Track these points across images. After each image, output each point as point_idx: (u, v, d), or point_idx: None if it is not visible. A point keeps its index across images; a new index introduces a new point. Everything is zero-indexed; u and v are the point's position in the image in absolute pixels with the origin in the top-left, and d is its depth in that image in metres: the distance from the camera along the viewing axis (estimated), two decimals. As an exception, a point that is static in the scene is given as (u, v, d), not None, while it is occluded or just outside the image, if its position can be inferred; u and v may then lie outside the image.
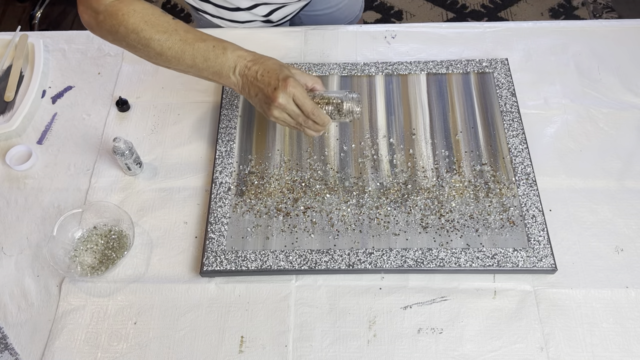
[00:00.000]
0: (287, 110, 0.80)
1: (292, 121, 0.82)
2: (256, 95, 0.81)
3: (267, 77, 0.80)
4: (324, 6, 1.24)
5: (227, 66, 0.81)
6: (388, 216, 0.88)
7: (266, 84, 0.80)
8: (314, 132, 0.84)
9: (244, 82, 0.82)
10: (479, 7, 2.27)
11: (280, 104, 0.79)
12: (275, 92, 0.79)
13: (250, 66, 0.81)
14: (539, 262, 0.83)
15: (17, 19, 2.30)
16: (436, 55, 1.09)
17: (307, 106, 0.80)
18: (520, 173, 0.91)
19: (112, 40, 0.84)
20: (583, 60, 1.08)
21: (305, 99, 0.80)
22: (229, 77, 0.82)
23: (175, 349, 0.80)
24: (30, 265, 0.88)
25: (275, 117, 0.81)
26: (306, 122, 0.82)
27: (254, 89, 0.81)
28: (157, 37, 0.80)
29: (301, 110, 0.81)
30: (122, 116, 1.04)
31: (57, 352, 0.81)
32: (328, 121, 0.83)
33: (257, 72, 0.80)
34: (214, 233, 0.87)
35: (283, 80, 0.78)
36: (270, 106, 0.80)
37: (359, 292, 0.84)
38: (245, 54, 0.82)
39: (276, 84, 0.79)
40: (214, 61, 0.81)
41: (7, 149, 0.99)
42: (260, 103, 0.82)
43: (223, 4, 1.08)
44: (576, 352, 0.78)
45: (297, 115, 0.81)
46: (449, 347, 0.79)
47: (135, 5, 0.81)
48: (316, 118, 0.81)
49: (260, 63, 0.81)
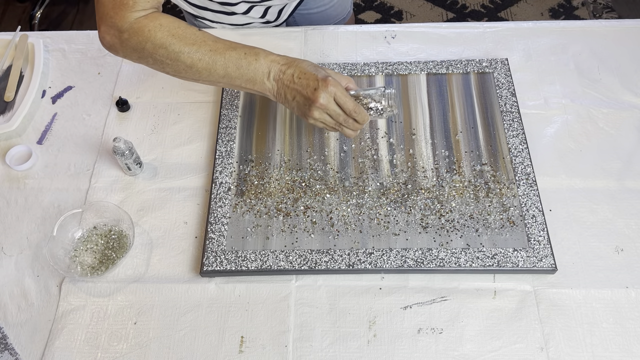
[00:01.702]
0: (329, 110, 0.79)
1: (332, 122, 0.81)
2: (294, 99, 0.80)
3: (305, 78, 0.79)
4: (318, 4, 1.24)
5: (261, 72, 0.80)
6: (388, 216, 0.88)
7: (304, 86, 0.79)
8: (353, 131, 0.84)
9: (280, 86, 0.80)
10: (479, 7, 2.27)
11: (321, 104, 0.78)
12: (316, 92, 0.78)
13: (284, 70, 0.80)
14: (539, 262, 0.83)
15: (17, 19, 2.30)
16: (436, 55, 1.09)
17: (349, 105, 0.79)
18: (520, 173, 0.91)
19: (138, 58, 0.82)
20: (583, 60, 1.08)
21: (346, 97, 0.79)
22: (263, 83, 0.81)
23: (175, 349, 0.80)
24: (30, 265, 0.88)
25: (315, 118, 0.80)
26: (346, 122, 0.81)
27: (290, 93, 0.80)
28: (187, 50, 0.79)
29: (342, 109, 0.80)
30: (122, 116, 1.04)
31: (57, 352, 0.81)
32: (368, 119, 0.83)
33: (292, 74, 0.79)
34: (214, 233, 0.87)
35: (323, 80, 0.78)
36: (311, 107, 0.79)
37: (359, 292, 0.84)
38: (278, 58, 0.81)
39: (316, 84, 0.78)
40: (246, 68, 0.80)
41: (7, 149, 0.99)
42: (299, 106, 0.81)
43: (221, 9, 1.08)
44: (576, 352, 0.78)
45: (337, 115, 0.80)
46: (449, 347, 0.79)
47: (161, 19, 0.79)
48: (357, 116, 0.81)
49: (295, 66, 0.80)
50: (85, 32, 1.16)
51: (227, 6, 1.07)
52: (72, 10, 2.33)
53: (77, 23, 2.29)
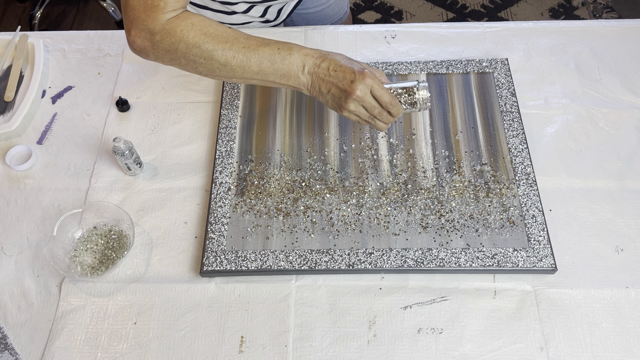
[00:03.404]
0: (365, 102, 0.79)
1: (366, 114, 0.82)
2: (329, 92, 0.81)
3: (341, 71, 0.79)
4: (315, 4, 1.25)
5: (296, 66, 0.80)
6: (388, 216, 0.88)
7: (340, 79, 0.79)
8: (385, 124, 0.84)
9: (314, 80, 0.81)
10: (479, 7, 2.27)
11: (358, 96, 0.78)
12: (353, 84, 0.78)
13: (319, 63, 0.80)
14: (539, 262, 0.83)
15: (17, 19, 2.30)
16: (436, 55, 1.09)
17: (385, 97, 0.79)
18: (520, 173, 0.91)
19: (170, 59, 0.81)
20: (583, 60, 1.08)
21: (383, 89, 0.79)
22: (298, 77, 0.81)
23: (175, 349, 0.80)
24: (30, 265, 0.88)
25: (351, 110, 0.81)
26: (381, 115, 0.81)
27: (326, 85, 0.80)
28: (220, 48, 0.78)
29: (379, 101, 0.80)
30: (122, 116, 1.04)
31: (57, 352, 0.81)
32: (402, 112, 0.83)
33: (328, 67, 0.79)
34: (214, 233, 0.87)
35: (360, 73, 0.78)
36: (347, 99, 0.79)
37: (359, 292, 0.84)
38: (312, 52, 0.81)
39: (352, 76, 0.78)
40: (281, 63, 0.80)
41: (7, 149, 0.99)
42: (334, 98, 0.81)
43: (221, 8, 1.08)
44: (576, 352, 0.78)
45: (373, 108, 0.80)
46: (449, 347, 0.79)
47: (192, 18, 0.79)
48: (392, 109, 0.81)
49: (329, 59, 0.80)
50: (85, 32, 1.16)
51: (227, 5, 1.07)
52: (72, 10, 2.33)
53: (77, 23, 2.29)
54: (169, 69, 1.08)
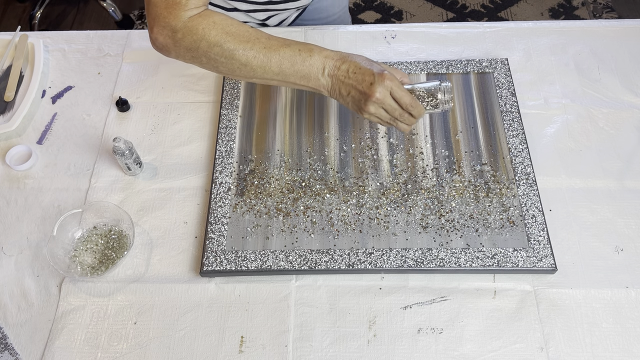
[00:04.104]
0: (385, 104, 0.79)
1: (387, 116, 0.81)
2: (348, 94, 0.80)
3: (360, 73, 0.78)
4: (318, 16, 1.25)
5: (316, 68, 0.80)
6: (388, 216, 0.88)
7: (360, 81, 0.78)
8: (408, 125, 0.83)
9: (334, 82, 0.80)
10: (479, 7, 2.27)
11: (377, 98, 0.78)
12: (372, 87, 0.77)
13: (339, 65, 0.80)
14: (539, 262, 0.83)
15: (17, 19, 2.30)
16: (436, 55, 1.09)
17: (405, 99, 0.79)
18: (520, 173, 0.91)
19: (191, 57, 0.81)
20: (583, 60, 1.08)
21: (403, 91, 0.79)
22: (318, 79, 0.80)
23: (175, 349, 0.80)
24: (30, 265, 0.88)
25: (371, 113, 0.80)
26: (402, 116, 0.81)
27: (345, 88, 0.80)
28: (241, 47, 0.78)
29: (399, 103, 0.79)
30: (122, 116, 1.04)
31: (57, 352, 0.81)
32: (423, 113, 0.82)
33: (347, 70, 0.79)
34: (214, 233, 0.87)
35: (379, 75, 0.77)
36: (368, 102, 0.78)
37: (359, 292, 0.84)
38: (332, 54, 0.81)
39: (372, 79, 0.77)
40: (301, 65, 0.80)
41: (7, 149, 0.99)
42: (354, 101, 0.80)
43: (221, 4, 1.08)
44: (576, 352, 0.78)
45: (393, 110, 0.80)
46: (449, 347, 0.79)
47: (214, 17, 0.79)
48: (413, 110, 0.80)
49: (349, 61, 0.80)
50: (85, 32, 1.16)
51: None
52: (72, 10, 2.33)
53: (77, 23, 2.29)
54: (169, 69, 1.09)
